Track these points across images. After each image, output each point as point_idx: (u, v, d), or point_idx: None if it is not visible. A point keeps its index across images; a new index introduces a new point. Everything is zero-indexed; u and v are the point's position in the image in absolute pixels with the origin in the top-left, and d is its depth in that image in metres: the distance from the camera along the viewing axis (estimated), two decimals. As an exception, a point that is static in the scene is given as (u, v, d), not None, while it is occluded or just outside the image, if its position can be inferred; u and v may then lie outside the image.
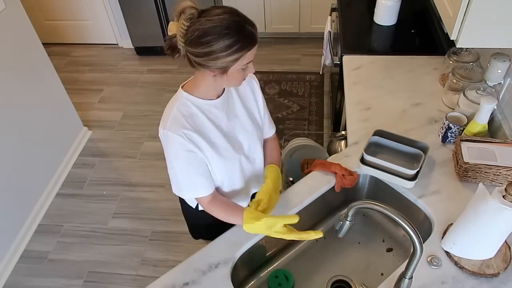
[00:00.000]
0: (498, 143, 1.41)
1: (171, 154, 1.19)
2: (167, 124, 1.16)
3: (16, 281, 2.27)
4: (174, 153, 1.18)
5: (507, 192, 0.99)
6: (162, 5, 3.46)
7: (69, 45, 4.07)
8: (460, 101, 1.57)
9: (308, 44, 3.85)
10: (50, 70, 2.70)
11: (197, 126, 1.17)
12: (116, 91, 3.52)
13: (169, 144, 1.17)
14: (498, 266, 1.16)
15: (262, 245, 1.37)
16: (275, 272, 1.32)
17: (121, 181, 2.75)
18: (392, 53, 2.07)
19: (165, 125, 1.16)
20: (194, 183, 1.22)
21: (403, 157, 1.46)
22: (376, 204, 1.00)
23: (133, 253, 2.34)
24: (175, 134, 1.14)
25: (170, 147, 1.17)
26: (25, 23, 2.44)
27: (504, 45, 1.24)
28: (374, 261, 1.44)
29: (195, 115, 1.17)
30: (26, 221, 2.46)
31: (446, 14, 1.30)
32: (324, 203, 1.49)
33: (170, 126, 1.15)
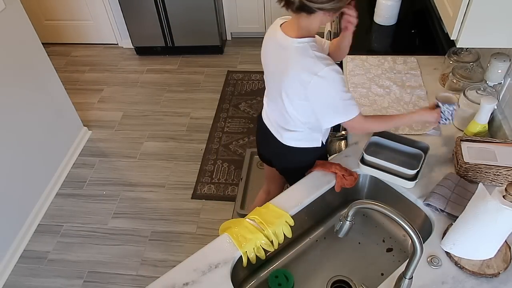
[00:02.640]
0: (498, 143, 1.41)
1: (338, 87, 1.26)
2: (324, 62, 1.25)
3: (16, 281, 2.27)
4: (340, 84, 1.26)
5: (507, 192, 0.99)
6: (162, 5, 3.46)
7: (69, 45, 4.07)
8: (460, 101, 1.57)
9: (308, 44, 3.85)
10: (50, 70, 2.70)
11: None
12: (116, 91, 3.52)
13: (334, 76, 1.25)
14: (498, 266, 1.16)
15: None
16: (275, 272, 1.32)
17: (121, 181, 2.75)
18: (392, 53, 2.06)
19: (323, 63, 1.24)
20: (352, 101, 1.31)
21: (403, 157, 1.46)
22: (376, 204, 1.00)
23: (133, 253, 2.34)
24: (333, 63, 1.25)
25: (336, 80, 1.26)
26: (25, 23, 2.44)
27: (504, 45, 1.24)
28: (374, 261, 1.44)
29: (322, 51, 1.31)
30: (26, 221, 2.46)
31: (446, 14, 1.30)
32: (324, 203, 1.49)
33: (327, 62, 1.25)
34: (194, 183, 2.69)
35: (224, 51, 3.87)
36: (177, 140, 3.03)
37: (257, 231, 1.28)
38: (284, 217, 1.32)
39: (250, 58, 3.78)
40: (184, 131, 3.09)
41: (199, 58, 3.79)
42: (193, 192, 2.64)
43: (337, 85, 1.26)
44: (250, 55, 3.80)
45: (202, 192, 2.63)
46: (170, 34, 3.67)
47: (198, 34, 3.66)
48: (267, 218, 1.31)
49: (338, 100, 1.29)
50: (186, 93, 3.44)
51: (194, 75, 3.63)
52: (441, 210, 1.30)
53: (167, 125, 3.15)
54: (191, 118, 3.19)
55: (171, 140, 3.02)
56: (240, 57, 3.79)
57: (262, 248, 1.28)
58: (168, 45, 3.76)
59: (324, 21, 1.27)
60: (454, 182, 1.35)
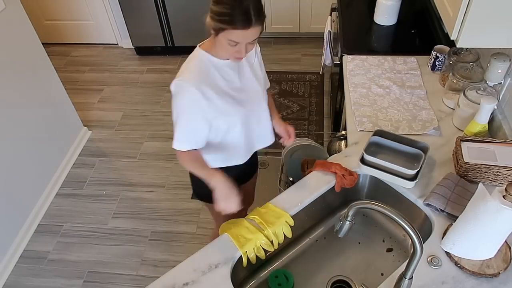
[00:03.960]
0: (498, 143, 1.41)
1: (180, 105, 1.25)
2: (184, 76, 1.23)
3: (16, 281, 2.27)
4: (183, 105, 1.25)
5: (507, 192, 0.99)
6: (162, 5, 3.46)
7: (69, 45, 4.07)
8: (460, 101, 1.57)
9: (308, 44, 3.85)
10: (50, 70, 2.70)
11: (210, 82, 1.26)
12: (116, 91, 3.52)
13: (180, 94, 1.23)
14: (498, 266, 1.16)
15: (262, 245, 1.37)
16: (275, 272, 1.32)
17: (121, 181, 2.75)
18: (392, 53, 2.07)
19: (182, 77, 1.23)
20: (193, 136, 1.30)
21: (403, 157, 1.46)
22: (376, 204, 1.00)
23: (133, 253, 2.34)
24: (190, 85, 1.22)
25: (181, 98, 1.24)
26: (25, 23, 2.44)
27: (504, 45, 1.24)
28: (374, 261, 1.44)
29: (210, 72, 1.26)
30: (26, 221, 2.46)
31: (446, 14, 1.30)
32: (324, 203, 1.49)
33: (188, 78, 1.23)
34: (194, 183, 2.69)
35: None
36: (177, 140, 3.02)
37: (257, 231, 1.28)
38: (284, 217, 1.32)
39: (250, 58, 3.77)
40: (184, 131, 3.09)
41: (199, 58, 3.79)
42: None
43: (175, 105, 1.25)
44: (250, 55, 3.80)
45: (202, 192, 2.63)
46: (170, 34, 3.67)
47: (198, 34, 3.61)
48: (267, 218, 1.31)
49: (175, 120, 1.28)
50: (186, 93, 3.44)
51: (194, 75, 3.63)
52: (441, 210, 1.30)
53: (167, 125, 3.15)
54: (191, 118, 3.19)
55: (171, 140, 3.00)
56: (240, 57, 3.79)
57: (262, 248, 1.28)
58: (168, 45, 3.76)
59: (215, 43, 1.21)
60: (454, 182, 1.35)
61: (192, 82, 1.22)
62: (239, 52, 1.19)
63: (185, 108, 1.25)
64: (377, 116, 1.71)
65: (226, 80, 1.30)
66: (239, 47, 1.17)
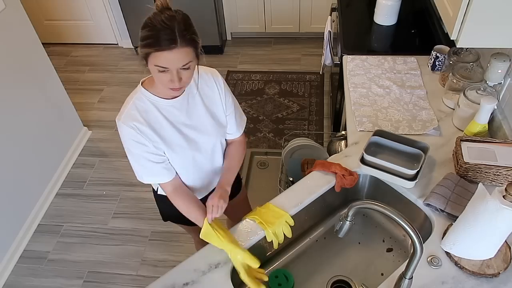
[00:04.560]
0: (498, 143, 1.41)
1: (125, 144, 1.24)
2: (122, 116, 1.21)
3: (16, 281, 2.27)
4: (127, 143, 1.23)
5: (507, 192, 0.99)
6: (162, 5, 3.46)
7: (69, 45, 4.07)
8: (460, 101, 1.57)
9: (308, 44, 3.85)
10: (50, 70, 2.70)
11: (150, 121, 1.21)
12: (116, 91, 3.52)
13: (122, 134, 1.22)
14: (498, 266, 1.16)
15: (262, 245, 1.37)
16: (275, 272, 1.32)
17: (121, 181, 2.75)
18: (392, 53, 2.06)
19: (120, 117, 1.21)
20: (150, 170, 1.28)
21: (403, 157, 1.46)
22: (376, 204, 1.00)
23: (133, 253, 2.34)
24: (127, 126, 1.19)
25: (123, 137, 1.23)
26: (25, 23, 2.44)
27: (504, 45, 1.24)
28: (374, 261, 1.44)
29: (150, 111, 1.22)
30: (26, 221, 2.46)
31: (446, 14, 1.30)
32: (324, 203, 1.49)
33: (124, 118, 1.20)
34: (194, 183, 2.69)
35: (224, 51, 3.87)
36: (177, 140, 3.02)
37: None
38: (284, 217, 1.32)
39: (250, 58, 3.78)
40: (184, 131, 3.09)
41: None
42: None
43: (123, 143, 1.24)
44: (250, 55, 3.80)
45: (202, 192, 2.63)
46: (170, 34, 3.67)
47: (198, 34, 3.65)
48: (267, 218, 1.31)
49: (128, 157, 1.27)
50: (186, 93, 3.44)
51: (194, 75, 3.63)
52: (441, 210, 1.30)
53: (167, 125, 3.15)
54: (191, 118, 3.19)
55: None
56: (240, 57, 3.79)
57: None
58: (168, 45, 3.75)
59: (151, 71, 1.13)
60: (454, 182, 1.35)
61: (128, 122, 1.18)
62: (172, 81, 1.09)
63: (131, 147, 1.23)
64: (377, 116, 1.71)
65: (170, 121, 1.24)
66: (170, 75, 1.08)
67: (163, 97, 1.21)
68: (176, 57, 1.06)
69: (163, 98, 1.22)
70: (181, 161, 1.32)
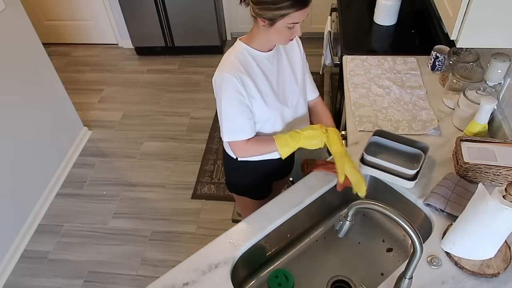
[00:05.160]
0: (498, 143, 1.41)
1: (223, 96, 1.27)
2: (224, 68, 1.25)
3: (16, 281, 2.27)
4: (226, 95, 1.26)
5: (507, 192, 0.99)
6: (162, 5, 3.46)
7: (69, 45, 4.07)
8: (460, 101, 1.57)
9: (308, 44, 3.82)
10: (50, 70, 2.70)
11: (250, 72, 1.28)
12: (116, 91, 3.52)
13: (223, 85, 1.25)
14: (498, 266, 1.16)
15: (262, 245, 1.37)
16: (275, 272, 1.32)
17: (121, 181, 2.75)
18: (392, 53, 2.07)
19: (222, 69, 1.25)
20: (241, 125, 1.31)
21: (403, 157, 1.46)
22: (376, 204, 1.00)
23: (133, 253, 2.34)
24: (231, 75, 1.23)
25: (223, 89, 1.26)
26: (25, 23, 2.44)
27: (504, 45, 1.24)
28: (374, 261, 1.44)
29: (249, 63, 1.28)
30: (26, 221, 2.46)
31: (446, 14, 1.30)
32: (324, 203, 1.49)
33: (229, 69, 1.24)
34: (194, 183, 2.69)
35: (224, 51, 3.86)
36: (177, 140, 3.03)
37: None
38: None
39: (250, 58, 3.77)
40: (184, 131, 3.09)
41: (199, 58, 3.79)
42: (193, 192, 2.64)
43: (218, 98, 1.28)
44: (250, 55, 3.80)
45: (202, 192, 2.63)
46: (170, 34, 3.67)
47: (198, 34, 3.66)
48: None
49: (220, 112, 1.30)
50: (186, 93, 3.44)
51: (194, 75, 3.63)
52: (441, 210, 1.30)
53: (167, 125, 3.15)
54: (191, 118, 3.20)
55: (171, 140, 3.02)
56: (240, 57, 3.78)
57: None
58: (168, 45, 3.76)
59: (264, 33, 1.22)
60: (454, 182, 1.35)
61: (233, 72, 1.24)
62: (296, 31, 1.20)
63: (230, 99, 1.27)
64: (377, 116, 1.71)
65: (265, 73, 1.31)
66: (296, 28, 1.19)
67: (259, 49, 1.28)
68: (307, 10, 1.15)
69: (259, 50, 1.29)
70: (269, 114, 1.37)
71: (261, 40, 1.26)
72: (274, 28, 1.18)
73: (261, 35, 1.24)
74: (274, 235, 1.37)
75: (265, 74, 1.31)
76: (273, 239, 1.38)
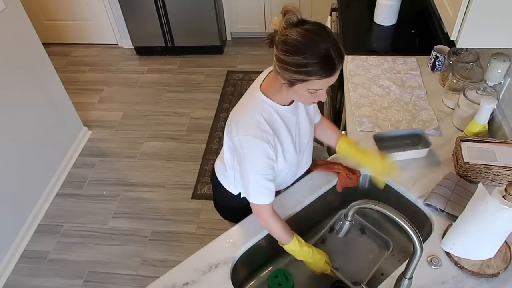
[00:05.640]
0: (498, 143, 1.41)
1: (251, 159, 1.17)
2: (251, 129, 1.13)
3: (16, 281, 2.27)
4: (255, 159, 1.16)
5: (507, 192, 0.99)
6: (162, 5, 3.46)
7: (69, 45, 4.07)
8: (460, 101, 1.57)
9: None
10: (50, 70, 2.70)
11: (277, 133, 1.18)
12: (116, 91, 3.52)
13: (251, 149, 1.15)
14: (498, 266, 1.16)
15: (262, 245, 1.37)
16: (275, 272, 1.32)
17: (121, 181, 2.75)
18: (392, 53, 2.07)
19: (249, 131, 1.13)
20: (267, 189, 1.21)
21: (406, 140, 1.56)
22: (376, 204, 1.00)
23: (133, 253, 2.34)
24: (262, 141, 1.12)
25: (251, 152, 1.15)
26: (25, 23, 2.44)
27: (504, 45, 1.24)
28: (374, 261, 1.44)
29: (276, 121, 1.17)
30: (26, 221, 2.46)
31: (446, 14, 1.30)
32: (324, 203, 1.49)
33: (256, 133, 1.12)
34: (194, 183, 2.69)
35: (224, 51, 3.87)
36: (177, 140, 3.03)
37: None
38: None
39: (250, 58, 3.78)
40: (184, 131, 3.09)
41: (199, 58, 3.79)
42: (193, 192, 2.64)
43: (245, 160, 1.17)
44: (250, 55, 3.80)
45: (202, 192, 2.63)
46: (170, 34, 3.67)
47: (198, 34, 3.66)
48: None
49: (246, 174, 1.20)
50: (186, 93, 3.44)
51: (194, 75, 3.63)
52: (441, 210, 1.30)
53: (167, 125, 3.15)
54: (191, 118, 3.20)
55: (171, 140, 3.02)
56: (240, 57, 3.79)
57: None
58: (168, 45, 3.76)
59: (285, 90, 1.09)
60: (454, 182, 1.35)
61: (263, 136, 1.13)
62: (320, 96, 1.08)
63: (258, 165, 1.16)
64: (377, 116, 1.71)
65: (287, 126, 1.21)
66: (319, 93, 1.06)
67: (282, 103, 1.18)
68: (333, 79, 1.03)
69: (283, 105, 1.18)
70: (286, 168, 1.30)
71: (282, 95, 1.14)
72: (293, 90, 1.06)
73: (282, 91, 1.11)
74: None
75: (287, 128, 1.21)
76: (273, 239, 1.38)
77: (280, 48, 1.00)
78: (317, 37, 0.98)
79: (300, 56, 0.97)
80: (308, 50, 0.97)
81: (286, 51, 0.99)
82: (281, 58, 1.00)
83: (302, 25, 1.00)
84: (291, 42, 0.98)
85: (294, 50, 0.98)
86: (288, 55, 0.99)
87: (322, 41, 0.98)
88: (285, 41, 0.99)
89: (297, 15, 1.01)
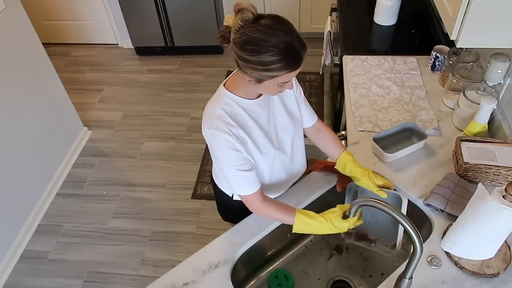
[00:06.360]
0: (498, 143, 1.41)
1: (220, 156, 1.18)
2: (213, 123, 1.15)
3: (16, 281, 2.27)
4: (223, 155, 1.17)
5: (507, 192, 0.99)
6: (162, 5, 3.46)
7: (69, 45, 4.07)
8: (460, 101, 1.57)
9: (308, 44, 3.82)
10: (50, 70, 2.70)
11: (241, 124, 1.18)
12: (116, 91, 3.52)
13: (216, 143, 1.16)
14: (498, 266, 1.16)
15: (262, 245, 1.37)
16: (275, 272, 1.32)
17: (121, 181, 2.75)
18: (392, 53, 2.07)
19: (211, 125, 1.15)
20: (248, 179, 1.21)
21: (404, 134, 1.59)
22: (377, 202, 1.00)
23: (133, 253, 2.34)
24: (223, 133, 1.13)
25: (218, 147, 1.17)
26: (25, 23, 2.44)
27: (504, 45, 1.24)
28: (374, 261, 1.44)
29: (238, 114, 1.18)
30: (26, 221, 2.46)
31: (446, 14, 1.30)
32: (324, 203, 1.49)
33: (217, 125, 1.14)
34: (194, 183, 2.69)
35: (224, 51, 3.87)
36: (177, 140, 3.03)
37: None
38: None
39: (250, 58, 3.77)
40: (184, 131, 3.09)
41: (199, 58, 3.79)
42: (193, 192, 2.64)
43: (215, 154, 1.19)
44: (250, 55, 3.80)
45: (202, 192, 2.63)
46: (170, 34, 3.67)
47: (198, 34, 3.66)
48: None
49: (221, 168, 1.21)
50: (186, 93, 3.44)
51: (194, 75, 3.63)
52: (441, 210, 1.30)
53: (167, 125, 3.15)
54: (191, 118, 3.20)
55: (171, 140, 3.02)
56: (240, 57, 3.78)
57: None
58: (168, 45, 3.76)
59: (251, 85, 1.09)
60: (454, 182, 1.35)
61: (224, 128, 1.14)
62: (287, 86, 1.11)
63: (228, 157, 1.17)
64: (377, 116, 1.71)
65: (256, 121, 1.21)
66: (287, 84, 1.09)
67: (247, 97, 1.18)
68: (298, 69, 1.06)
69: (248, 98, 1.18)
70: (266, 163, 1.29)
71: (247, 90, 1.15)
72: (262, 85, 1.07)
73: (248, 86, 1.12)
74: (274, 235, 1.37)
75: (256, 122, 1.21)
76: (273, 239, 1.38)
77: (243, 48, 1.00)
78: (278, 32, 0.98)
79: (266, 55, 0.98)
80: (273, 47, 0.97)
81: (250, 51, 0.99)
82: (246, 58, 1.01)
83: (259, 21, 1.00)
84: (254, 42, 0.98)
85: (259, 49, 0.98)
86: (253, 54, 0.99)
87: (284, 35, 0.99)
88: (248, 41, 0.99)
89: (253, 11, 1.01)
